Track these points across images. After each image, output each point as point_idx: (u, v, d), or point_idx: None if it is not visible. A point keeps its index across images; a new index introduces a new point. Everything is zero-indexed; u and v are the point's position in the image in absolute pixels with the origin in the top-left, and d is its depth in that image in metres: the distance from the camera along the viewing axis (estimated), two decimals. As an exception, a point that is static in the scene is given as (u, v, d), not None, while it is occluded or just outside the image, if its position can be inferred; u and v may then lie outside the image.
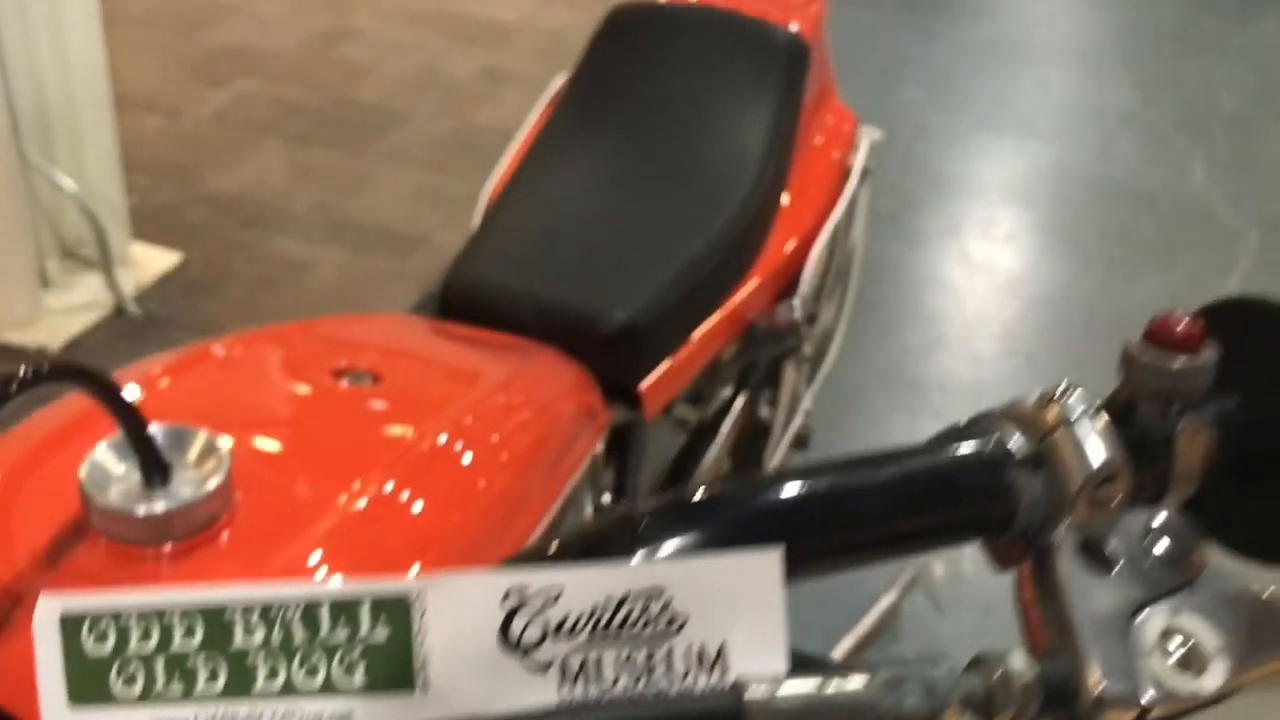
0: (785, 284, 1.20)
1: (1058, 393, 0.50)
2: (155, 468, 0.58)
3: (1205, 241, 2.80)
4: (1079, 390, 0.50)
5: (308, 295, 2.20)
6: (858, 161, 1.41)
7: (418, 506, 0.69)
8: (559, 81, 1.28)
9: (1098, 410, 0.50)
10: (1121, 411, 0.51)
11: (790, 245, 1.18)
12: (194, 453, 0.60)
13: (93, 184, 2.09)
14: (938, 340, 2.37)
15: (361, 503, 0.66)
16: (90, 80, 2.04)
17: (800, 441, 1.49)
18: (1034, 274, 2.64)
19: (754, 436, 1.30)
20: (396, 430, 0.76)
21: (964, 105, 3.40)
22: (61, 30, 1.95)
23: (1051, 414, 0.49)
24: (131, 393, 0.66)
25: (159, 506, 0.57)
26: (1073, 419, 0.48)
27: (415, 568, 0.65)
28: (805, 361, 1.36)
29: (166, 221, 2.37)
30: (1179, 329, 0.51)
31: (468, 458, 0.76)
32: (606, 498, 0.98)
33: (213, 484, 0.59)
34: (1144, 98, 3.58)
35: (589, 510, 0.91)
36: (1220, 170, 3.15)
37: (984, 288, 2.55)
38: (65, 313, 2.03)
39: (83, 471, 0.58)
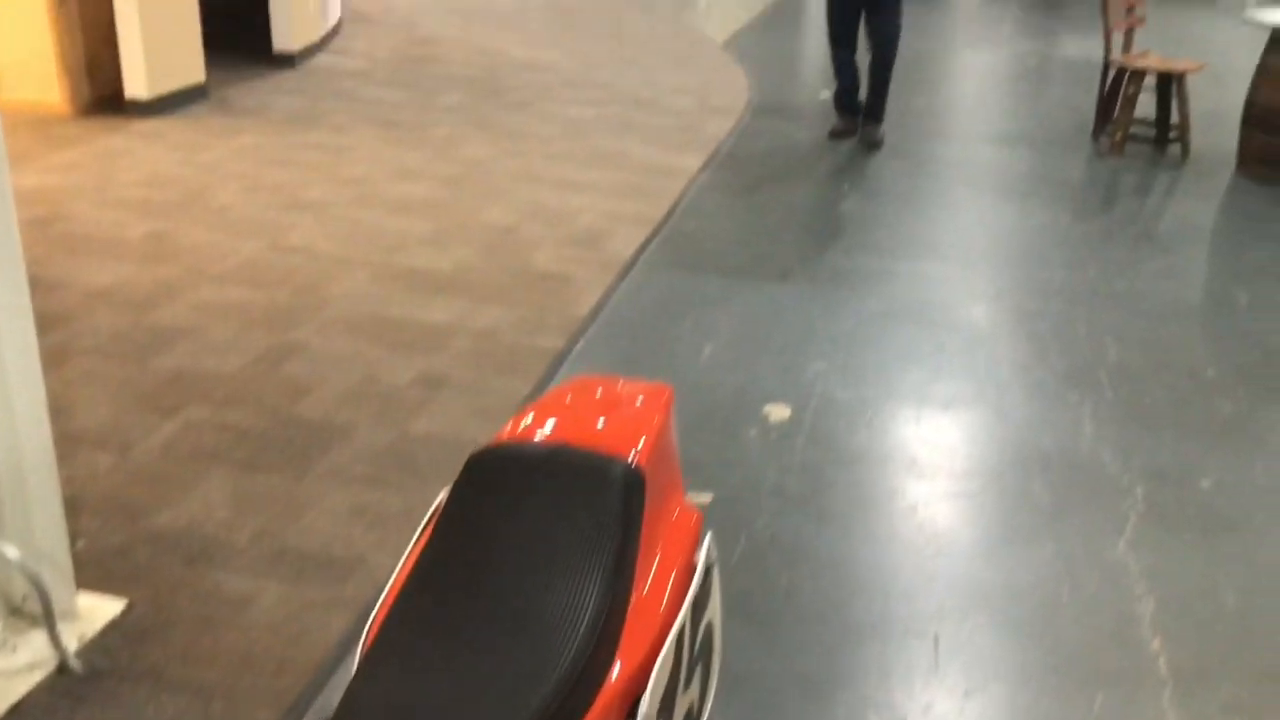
0: (633, 702, 1.28)
1: None
2: None
3: (1095, 500, 2.99)
4: None
5: (247, 633, 2.32)
6: (702, 556, 1.53)
7: None
8: (440, 497, 1.43)
9: None
10: None
11: (634, 663, 1.28)
12: None
13: (38, 546, 2.24)
14: (852, 629, 2.50)
15: None
16: (36, 448, 2.22)
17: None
18: (941, 546, 2.80)
19: None
20: None
21: (867, 375, 3.65)
22: (9, 402, 2.14)
23: None
24: None
25: None
26: None
27: None
28: None
29: (113, 566, 2.51)
30: None
31: None
32: None
33: None
34: (1035, 351, 3.86)
35: None
36: (1107, 424, 3.38)
37: (893, 564, 2.71)
38: (10, 676, 2.14)
39: None
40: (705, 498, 1.61)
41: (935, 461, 3.16)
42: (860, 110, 6.45)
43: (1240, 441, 3.31)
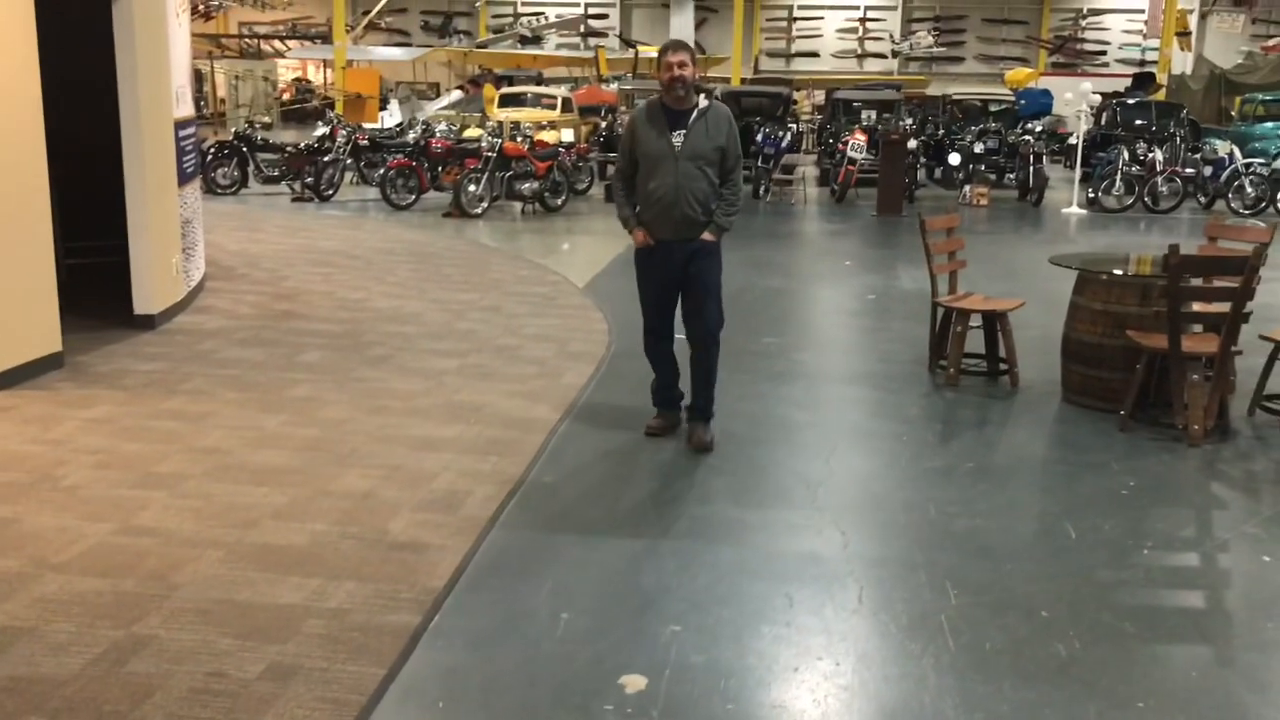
0: None
1: None
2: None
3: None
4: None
5: None
6: None
7: None
8: None
9: None
10: None
11: None
12: None
13: None
14: None
15: None
16: None
17: None
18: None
19: None
20: None
21: (721, 637, 3.72)
22: None
23: None
24: None
25: None
26: None
27: None
28: None
29: None
30: None
31: None
32: None
33: None
34: (880, 599, 4.00)
35: None
36: (948, 675, 3.50)
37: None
38: None
39: None
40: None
41: (787, 727, 3.21)
42: (678, 403, 5.83)
43: (1074, 686, 3.45)
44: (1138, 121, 20.65)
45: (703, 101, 5.47)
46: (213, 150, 16.42)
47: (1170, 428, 5.91)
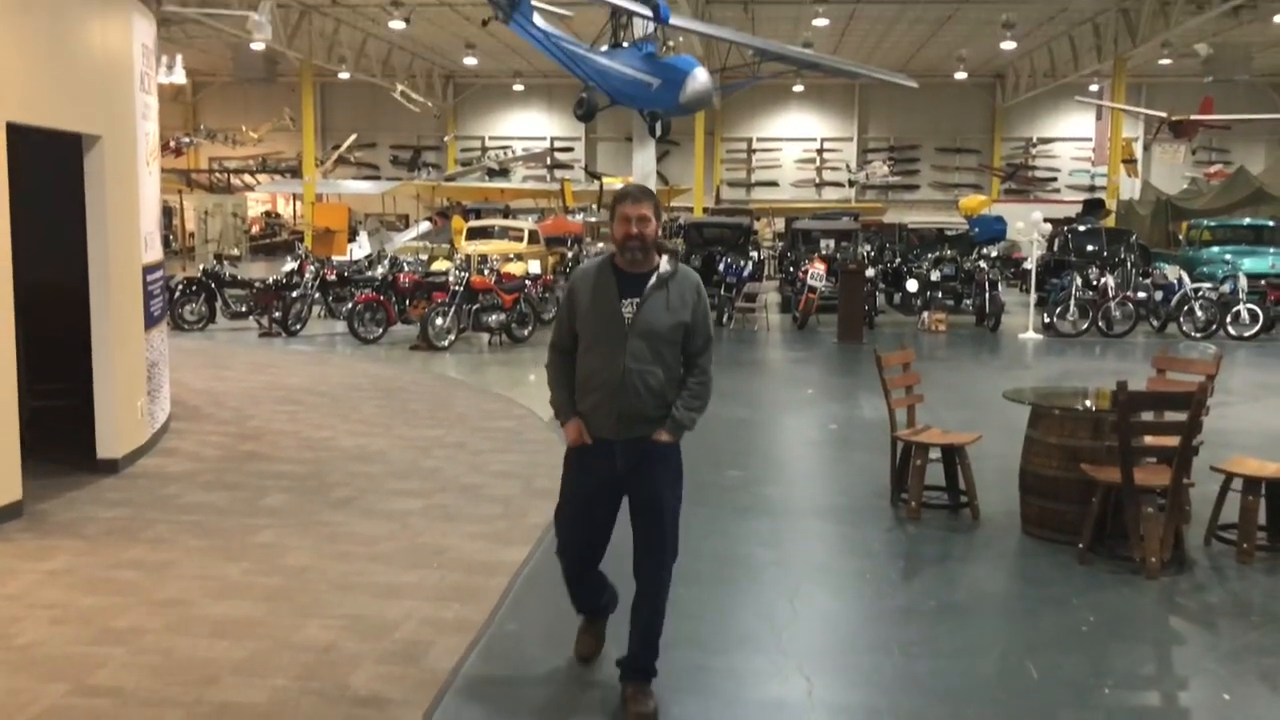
0: None
1: None
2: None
3: None
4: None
5: None
6: None
7: None
8: None
9: None
10: None
11: None
12: None
13: None
14: None
15: None
16: None
17: None
18: None
19: None
20: None
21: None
22: None
23: None
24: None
25: None
26: None
27: None
28: None
29: None
30: None
31: None
32: None
33: None
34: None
35: None
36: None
37: None
38: None
39: None
40: None
41: None
42: (615, 605, 4.74)
43: (1038, 835, 3.45)
44: (1089, 247, 21.27)
45: (665, 264, 4.28)
46: (180, 286, 16.54)
47: (1128, 560, 5.98)
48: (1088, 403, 6.79)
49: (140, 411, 8.15)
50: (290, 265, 17.81)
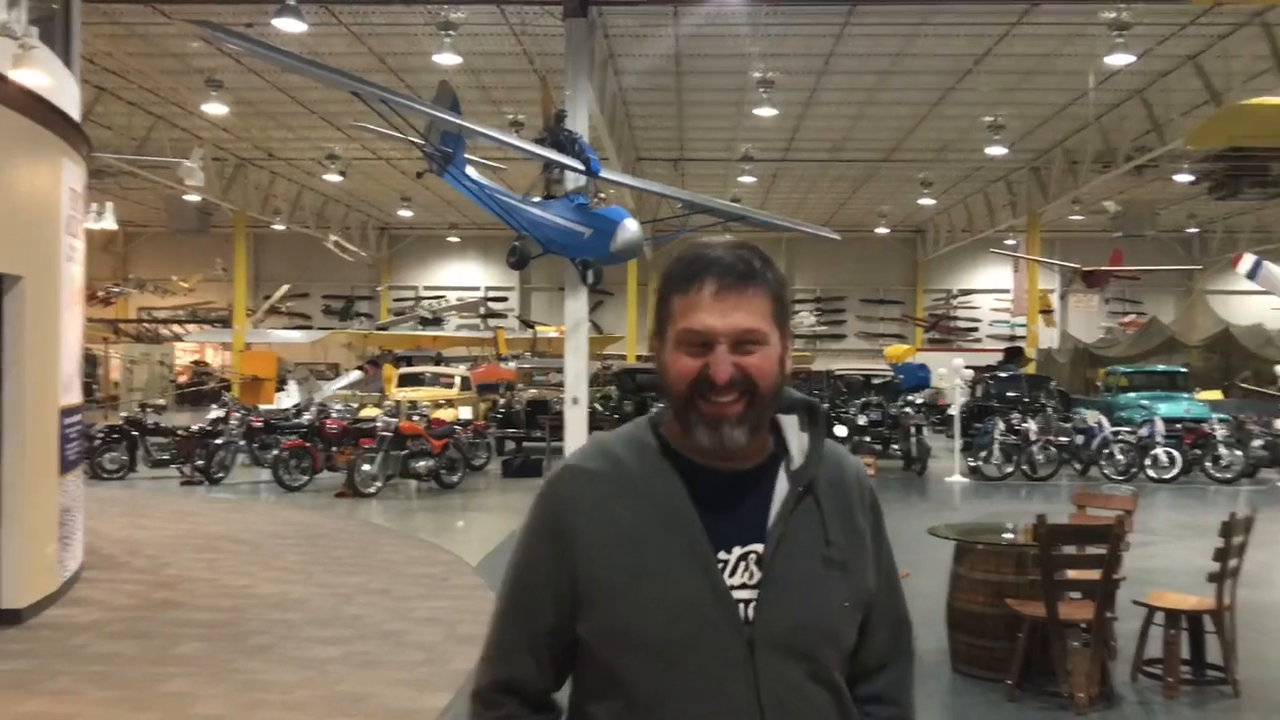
0: None
1: None
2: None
3: None
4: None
5: None
6: None
7: None
8: None
9: None
10: None
11: None
12: None
13: None
14: None
15: None
16: None
17: None
18: None
19: None
20: None
21: None
22: None
23: None
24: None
25: None
26: None
27: None
28: None
29: None
30: None
31: None
32: None
33: None
34: None
35: None
36: None
37: None
38: None
39: None
40: None
41: None
42: None
43: None
44: (1010, 393, 21.79)
45: (795, 444, 1.87)
46: (101, 435, 16.20)
47: (1056, 695, 5.95)
48: (1009, 535, 6.85)
49: (49, 559, 7.87)
50: (215, 413, 17.56)
